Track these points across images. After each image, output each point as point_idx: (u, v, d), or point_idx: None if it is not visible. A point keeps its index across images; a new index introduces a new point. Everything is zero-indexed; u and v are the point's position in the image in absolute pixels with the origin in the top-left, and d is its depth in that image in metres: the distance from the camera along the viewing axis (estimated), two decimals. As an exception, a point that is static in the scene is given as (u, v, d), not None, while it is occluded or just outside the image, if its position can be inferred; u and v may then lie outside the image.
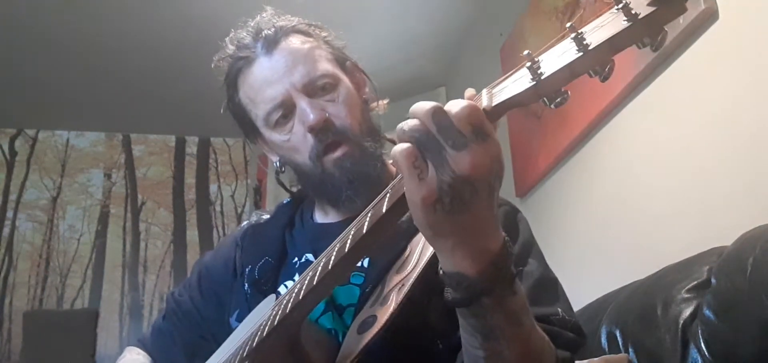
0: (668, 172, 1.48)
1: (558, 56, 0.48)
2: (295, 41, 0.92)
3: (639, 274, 1.26)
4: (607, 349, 1.16)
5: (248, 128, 0.98)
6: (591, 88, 1.80)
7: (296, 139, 0.90)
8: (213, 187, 4.08)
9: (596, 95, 1.75)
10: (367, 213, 0.64)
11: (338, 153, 0.88)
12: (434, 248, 0.58)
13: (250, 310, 0.88)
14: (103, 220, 3.86)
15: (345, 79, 0.94)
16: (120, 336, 3.62)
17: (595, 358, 1.00)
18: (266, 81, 0.90)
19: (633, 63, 1.58)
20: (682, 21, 1.37)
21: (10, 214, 3.73)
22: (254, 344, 0.74)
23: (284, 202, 1.06)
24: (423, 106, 0.52)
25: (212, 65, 0.97)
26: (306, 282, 0.70)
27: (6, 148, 3.85)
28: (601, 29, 0.46)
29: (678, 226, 1.42)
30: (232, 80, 0.95)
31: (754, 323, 0.85)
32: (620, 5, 0.45)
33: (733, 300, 0.90)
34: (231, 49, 0.95)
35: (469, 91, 0.56)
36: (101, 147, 4.00)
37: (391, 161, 0.98)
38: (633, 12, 0.44)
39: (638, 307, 1.14)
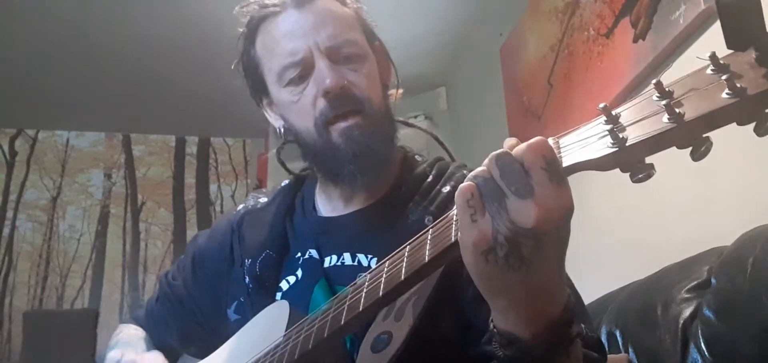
0: (668, 172, 1.48)
1: (643, 119, 0.40)
2: (330, 3, 0.87)
3: (639, 274, 1.25)
4: (607, 350, 1.16)
5: (257, 84, 0.90)
6: (590, 89, 1.80)
7: (306, 101, 0.83)
8: (213, 187, 4.08)
9: (597, 95, 1.75)
10: (404, 251, 0.58)
11: (349, 122, 0.81)
12: (486, 300, 0.52)
13: (251, 305, 0.86)
14: (103, 220, 3.86)
15: (372, 56, 0.88)
16: (120, 336, 3.62)
17: (596, 359, 1.00)
18: (290, 33, 0.83)
19: (633, 63, 1.58)
20: (682, 21, 1.37)
21: (10, 214, 3.72)
22: None
23: (283, 184, 1.01)
24: (493, 153, 0.47)
25: (234, 11, 0.90)
26: (330, 319, 0.64)
27: (6, 148, 3.84)
28: (696, 94, 0.39)
29: (678, 226, 1.42)
30: (252, 29, 0.89)
31: (754, 323, 0.85)
32: (725, 76, 0.37)
33: (733, 300, 0.90)
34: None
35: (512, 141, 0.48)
36: (101, 147, 3.99)
37: (400, 151, 0.92)
38: (739, 86, 0.36)
39: (638, 307, 1.14)
